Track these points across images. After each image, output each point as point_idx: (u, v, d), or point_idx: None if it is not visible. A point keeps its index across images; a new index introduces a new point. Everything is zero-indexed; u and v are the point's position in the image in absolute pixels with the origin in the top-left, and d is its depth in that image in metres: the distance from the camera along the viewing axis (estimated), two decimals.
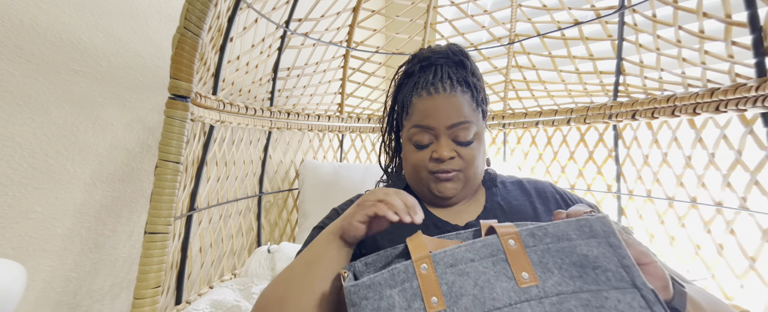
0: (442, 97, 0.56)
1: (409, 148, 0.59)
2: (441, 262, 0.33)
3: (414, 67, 0.61)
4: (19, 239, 0.68)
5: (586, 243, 0.33)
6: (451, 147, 0.55)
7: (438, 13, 1.44)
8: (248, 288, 0.87)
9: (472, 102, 0.57)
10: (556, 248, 0.33)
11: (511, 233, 0.34)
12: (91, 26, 0.77)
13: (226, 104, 0.88)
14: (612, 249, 0.32)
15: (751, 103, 0.69)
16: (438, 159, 0.55)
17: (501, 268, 0.32)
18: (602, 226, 0.33)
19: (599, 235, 0.33)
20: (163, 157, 0.64)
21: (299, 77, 1.24)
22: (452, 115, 0.55)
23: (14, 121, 0.67)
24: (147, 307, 0.61)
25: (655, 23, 0.88)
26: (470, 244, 0.34)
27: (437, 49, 0.61)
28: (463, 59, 0.60)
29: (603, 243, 0.32)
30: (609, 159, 1.08)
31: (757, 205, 0.74)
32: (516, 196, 0.60)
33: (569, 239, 0.33)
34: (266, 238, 1.22)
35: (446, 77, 0.57)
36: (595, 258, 0.32)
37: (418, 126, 0.56)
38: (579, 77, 1.12)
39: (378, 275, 0.33)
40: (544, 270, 0.32)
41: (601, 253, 0.32)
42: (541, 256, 0.33)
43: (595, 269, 0.31)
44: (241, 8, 0.87)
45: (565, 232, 0.33)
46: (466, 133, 0.55)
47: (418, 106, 0.57)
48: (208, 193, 0.92)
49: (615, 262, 0.32)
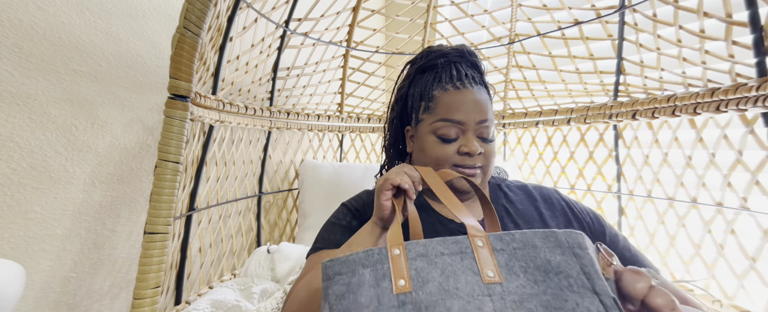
0: (470, 93, 0.57)
1: (432, 140, 0.58)
2: (413, 250, 0.35)
3: (432, 61, 0.61)
4: (18, 239, 0.68)
5: (551, 251, 0.34)
6: (478, 143, 0.56)
7: (438, 12, 1.43)
8: (248, 288, 0.87)
9: (490, 102, 0.60)
10: (522, 253, 0.35)
11: (480, 235, 0.36)
12: (90, 26, 0.77)
13: (226, 104, 0.88)
14: (575, 258, 0.34)
15: (751, 103, 0.69)
16: (467, 153, 0.55)
17: (468, 264, 0.34)
18: (567, 238, 0.35)
19: (563, 245, 0.35)
20: (162, 157, 0.64)
21: (299, 77, 1.24)
22: (481, 112, 0.56)
23: (13, 120, 0.67)
24: (146, 307, 0.61)
25: (655, 23, 0.88)
26: (442, 240, 0.36)
27: (450, 47, 0.62)
28: (476, 61, 0.63)
29: (567, 252, 0.34)
30: (609, 159, 1.08)
31: (758, 205, 0.74)
32: (521, 200, 0.61)
33: (534, 246, 0.35)
34: (266, 238, 1.21)
35: (470, 76, 0.59)
36: (557, 264, 0.34)
37: (447, 120, 0.57)
38: (579, 77, 1.12)
39: (354, 254, 0.35)
40: (510, 272, 0.34)
41: (564, 260, 0.34)
42: (507, 260, 0.35)
43: (557, 274, 0.33)
44: (241, 8, 0.87)
45: (531, 240, 0.35)
46: (488, 131, 0.57)
47: (443, 100, 0.58)
48: (207, 193, 0.92)
49: (576, 269, 0.33)
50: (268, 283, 0.89)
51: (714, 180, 0.82)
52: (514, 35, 1.26)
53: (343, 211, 0.62)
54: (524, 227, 0.55)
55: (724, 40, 0.74)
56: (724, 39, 0.73)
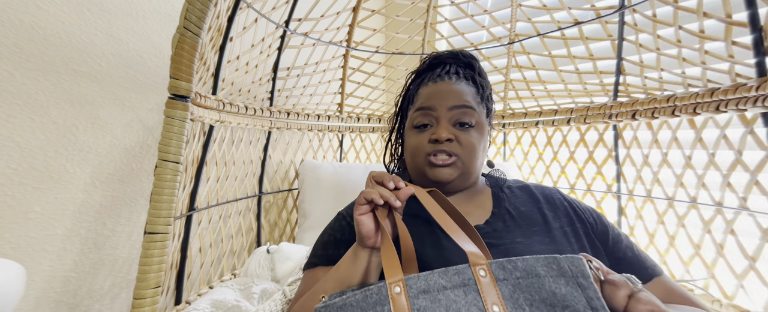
0: (447, 83, 0.58)
1: (410, 134, 0.59)
2: (414, 286, 0.33)
3: (423, 65, 0.64)
4: (18, 239, 0.68)
5: (555, 281, 0.33)
6: (451, 130, 0.56)
7: (438, 12, 1.43)
8: (248, 288, 0.87)
9: (477, 96, 0.59)
10: (525, 283, 0.33)
11: (481, 264, 0.34)
12: (90, 26, 0.77)
13: (226, 104, 0.88)
14: (580, 289, 0.33)
15: (751, 103, 0.69)
16: (436, 140, 0.55)
17: (472, 299, 0.33)
18: (570, 266, 0.34)
19: (567, 275, 0.33)
20: (162, 157, 0.64)
21: (299, 77, 1.24)
22: (454, 99, 0.56)
23: (14, 120, 0.67)
24: (147, 307, 0.61)
25: (655, 23, 0.88)
26: (443, 271, 0.34)
27: (449, 51, 0.64)
28: (472, 61, 0.63)
29: (571, 282, 0.33)
30: (609, 159, 1.08)
31: (757, 205, 0.74)
32: (524, 201, 0.60)
33: (537, 275, 0.34)
34: (266, 238, 1.21)
35: (453, 71, 0.60)
36: (563, 296, 0.32)
37: (420, 108, 0.58)
38: (579, 77, 1.12)
39: (350, 296, 0.33)
40: (516, 306, 0.32)
41: (569, 292, 0.33)
42: (512, 291, 0.33)
43: (564, 309, 0.32)
44: (241, 8, 0.87)
45: (534, 267, 0.34)
46: (467, 117, 0.56)
47: (422, 94, 0.59)
48: (207, 193, 0.92)
49: (583, 303, 0.32)
50: (268, 283, 0.89)
51: (714, 180, 0.82)
52: (514, 35, 1.26)
53: (339, 223, 0.61)
54: (527, 230, 0.54)
55: (723, 41, 0.74)
56: (723, 39, 0.74)
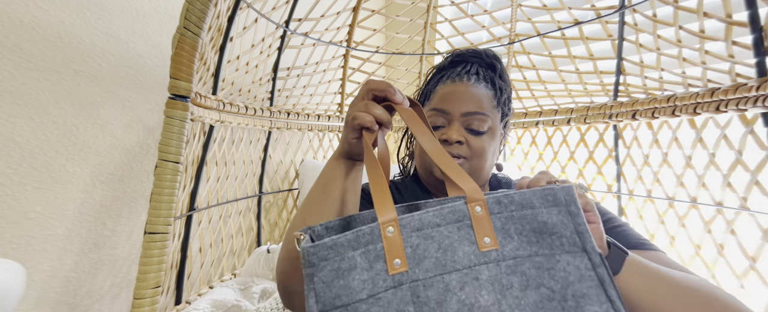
0: (464, 85, 0.57)
1: None
2: (407, 225, 0.33)
3: (445, 62, 0.63)
4: (18, 239, 0.68)
5: (548, 211, 0.34)
6: (462, 133, 0.56)
7: (438, 12, 1.43)
8: (248, 288, 0.87)
9: (494, 100, 0.59)
10: (519, 215, 0.34)
11: (479, 200, 0.34)
12: (91, 26, 0.77)
13: (226, 104, 0.88)
14: (570, 216, 0.34)
15: (751, 103, 0.69)
16: (445, 141, 0.55)
17: (465, 233, 0.33)
18: (565, 195, 0.35)
19: (560, 204, 0.34)
20: (162, 157, 0.64)
21: (299, 77, 1.24)
22: (469, 104, 0.56)
23: (14, 120, 0.67)
24: (147, 307, 0.61)
25: (655, 23, 0.88)
26: (438, 210, 0.34)
27: (474, 49, 0.64)
28: (495, 62, 0.62)
29: (563, 211, 0.34)
30: (609, 159, 1.08)
31: (758, 205, 0.74)
32: None
33: (532, 207, 0.34)
34: (266, 238, 1.21)
35: (473, 72, 0.59)
36: (553, 225, 0.34)
37: (434, 109, 0.58)
38: (579, 77, 1.12)
39: (341, 236, 0.32)
40: (505, 236, 0.33)
41: (560, 221, 0.34)
42: (504, 223, 0.34)
43: (551, 235, 0.33)
44: (241, 8, 0.87)
45: (530, 200, 0.35)
46: (480, 123, 0.56)
47: (439, 92, 0.59)
48: (208, 193, 0.92)
49: (571, 229, 0.33)
50: (267, 283, 0.89)
51: (714, 180, 0.82)
52: (514, 35, 1.26)
53: None
54: None
55: (724, 41, 0.74)
56: (724, 39, 0.73)
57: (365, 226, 0.33)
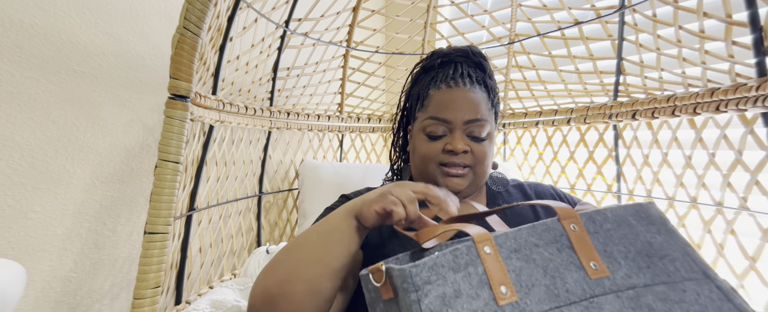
0: (462, 91, 0.57)
1: (421, 139, 0.59)
2: (504, 245, 0.29)
3: (433, 62, 0.62)
4: (18, 239, 0.68)
5: (647, 229, 0.30)
6: (465, 141, 0.56)
7: (438, 12, 1.43)
8: (248, 288, 0.87)
9: (488, 102, 0.59)
10: (618, 235, 0.30)
11: (571, 216, 0.31)
12: (91, 26, 0.77)
13: (226, 104, 0.88)
14: (671, 236, 0.30)
15: (751, 103, 0.69)
16: (451, 151, 0.55)
17: (567, 256, 0.29)
18: (656, 212, 0.31)
19: (657, 222, 0.31)
20: (162, 157, 0.64)
21: (299, 77, 1.24)
22: (470, 111, 0.56)
23: (14, 120, 0.67)
24: (147, 307, 0.61)
25: (655, 23, 0.88)
26: (531, 227, 0.30)
27: (458, 48, 0.63)
28: (482, 61, 0.62)
29: (662, 230, 0.30)
30: (609, 159, 1.08)
31: (758, 205, 0.74)
32: (517, 199, 0.61)
33: (629, 225, 0.30)
34: (266, 238, 1.21)
35: (467, 75, 0.59)
36: (659, 246, 0.29)
37: (435, 118, 0.57)
38: (579, 77, 1.12)
39: (439, 256, 0.28)
40: (611, 260, 0.29)
41: (665, 241, 0.30)
42: (604, 244, 0.30)
43: (662, 258, 0.29)
44: (241, 8, 0.87)
45: (624, 217, 0.31)
46: (480, 130, 0.56)
47: (435, 98, 0.58)
48: (207, 193, 0.92)
49: (681, 251, 0.30)
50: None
51: (714, 180, 0.82)
52: (514, 35, 1.26)
53: (341, 202, 0.62)
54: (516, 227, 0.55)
55: (723, 40, 0.74)
56: (723, 39, 0.73)
57: (461, 244, 0.29)
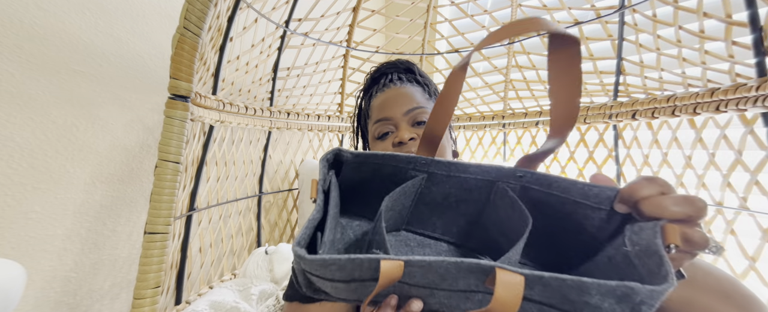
0: (395, 90, 0.62)
1: (375, 145, 0.62)
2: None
3: (368, 81, 0.69)
4: (18, 239, 0.68)
5: (601, 299, 0.23)
6: (411, 130, 0.58)
7: (438, 12, 1.43)
8: (247, 289, 0.87)
9: (424, 93, 0.63)
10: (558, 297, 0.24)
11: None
12: (91, 26, 0.77)
13: (226, 104, 0.88)
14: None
15: (751, 103, 0.69)
16: (399, 143, 0.57)
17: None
18: (646, 297, 0.22)
19: (629, 301, 0.23)
20: (162, 157, 0.64)
21: (299, 77, 1.24)
22: (406, 102, 0.60)
23: (13, 121, 0.67)
24: (147, 307, 0.61)
25: (655, 23, 0.88)
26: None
27: (387, 62, 0.70)
28: (410, 66, 0.68)
29: (626, 308, 0.23)
30: (609, 159, 1.08)
31: (757, 205, 0.74)
32: None
33: (585, 302, 0.24)
34: (266, 239, 1.21)
35: (396, 78, 0.65)
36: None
37: (378, 120, 0.61)
38: None
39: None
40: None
41: None
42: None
43: None
44: (241, 8, 0.87)
45: (588, 290, 0.23)
46: (423, 115, 0.59)
47: (375, 105, 0.63)
48: (207, 193, 0.92)
49: None
50: (266, 284, 0.89)
51: (714, 180, 0.82)
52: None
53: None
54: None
55: (723, 41, 0.74)
56: (723, 39, 0.74)
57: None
